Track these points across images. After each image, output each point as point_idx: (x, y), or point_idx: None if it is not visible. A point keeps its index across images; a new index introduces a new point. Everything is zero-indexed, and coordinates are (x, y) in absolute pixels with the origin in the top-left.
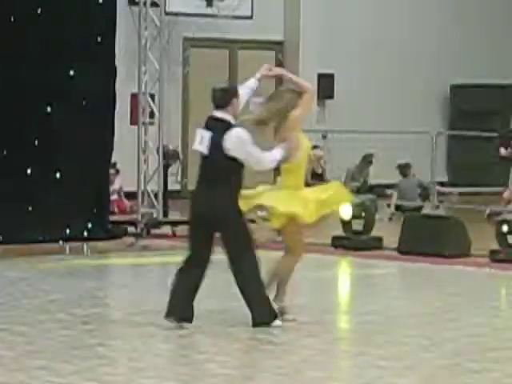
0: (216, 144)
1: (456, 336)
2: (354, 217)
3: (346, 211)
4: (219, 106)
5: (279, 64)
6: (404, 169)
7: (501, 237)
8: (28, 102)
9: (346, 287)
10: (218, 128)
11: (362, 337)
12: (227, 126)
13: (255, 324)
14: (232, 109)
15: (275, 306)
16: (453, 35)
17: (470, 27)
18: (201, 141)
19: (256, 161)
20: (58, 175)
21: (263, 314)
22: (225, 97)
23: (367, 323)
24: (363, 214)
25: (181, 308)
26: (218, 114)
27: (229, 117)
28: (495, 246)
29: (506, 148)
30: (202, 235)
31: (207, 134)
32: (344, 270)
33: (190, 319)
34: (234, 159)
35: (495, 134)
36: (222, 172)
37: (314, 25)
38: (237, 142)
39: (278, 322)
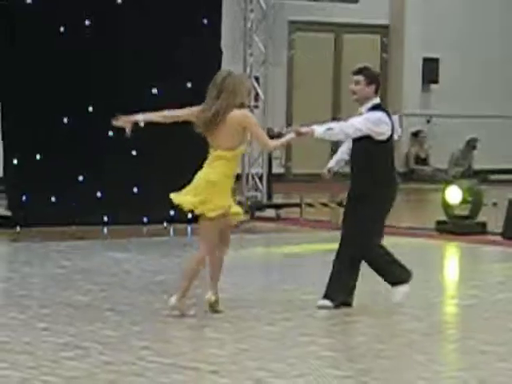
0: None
1: None
2: (462, 202)
3: (453, 196)
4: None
5: (383, 51)
6: None
7: None
8: (134, 83)
9: (450, 272)
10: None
11: (467, 321)
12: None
13: None
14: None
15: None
16: None
17: None
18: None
19: None
20: (162, 156)
21: None
22: None
23: (472, 307)
24: (470, 199)
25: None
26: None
27: None
28: None
29: None
30: None
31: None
32: (448, 254)
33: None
34: None
35: None
36: None
37: (420, 9)
38: None
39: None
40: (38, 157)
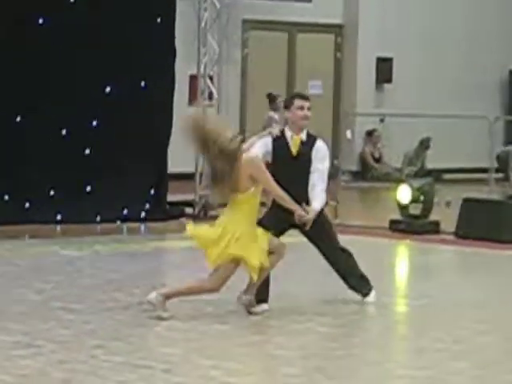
0: None
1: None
2: (413, 201)
3: (404, 195)
4: None
5: (337, 50)
6: None
7: None
8: (88, 82)
9: (403, 271)
10: None
11: (420, 320)
12: None
13: None
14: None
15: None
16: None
17: None
18: None
19: None
20: (116, 156)
21: None
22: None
23: (425, 306)
24: (422, 198)
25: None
26: None
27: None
28: None
29: None
30: None
31: None
32: (401, 253)
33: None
34: None
35: None
36: None
37: (373, 8)
38: None
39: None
40: None
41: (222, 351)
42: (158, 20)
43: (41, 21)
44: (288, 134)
